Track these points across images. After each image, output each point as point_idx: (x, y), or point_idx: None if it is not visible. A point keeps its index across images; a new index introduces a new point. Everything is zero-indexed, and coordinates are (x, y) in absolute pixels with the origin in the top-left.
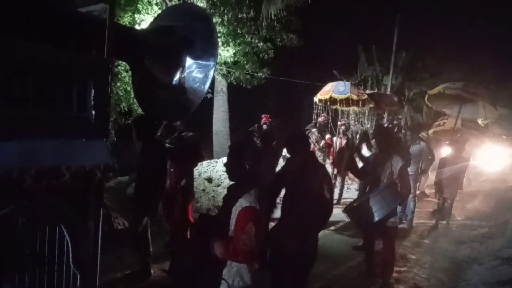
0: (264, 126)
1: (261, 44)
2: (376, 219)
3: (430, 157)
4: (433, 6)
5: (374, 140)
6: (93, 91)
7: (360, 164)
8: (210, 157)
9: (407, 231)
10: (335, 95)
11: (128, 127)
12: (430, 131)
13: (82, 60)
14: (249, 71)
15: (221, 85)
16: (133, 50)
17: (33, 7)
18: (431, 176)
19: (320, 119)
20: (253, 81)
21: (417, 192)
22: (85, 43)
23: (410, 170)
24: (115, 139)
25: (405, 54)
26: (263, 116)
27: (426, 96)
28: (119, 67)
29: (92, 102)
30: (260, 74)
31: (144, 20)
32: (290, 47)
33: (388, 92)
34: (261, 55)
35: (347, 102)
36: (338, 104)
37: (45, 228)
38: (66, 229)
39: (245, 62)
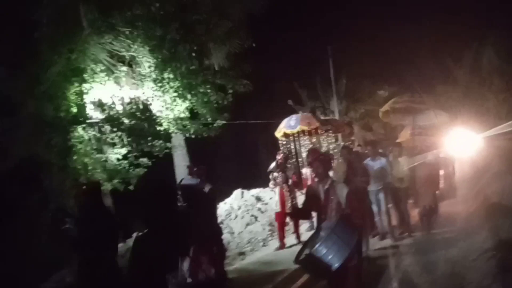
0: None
1: (215, 94)
2: (336, 265)
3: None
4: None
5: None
6: None
7: None
8: None
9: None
10: (288, 131)
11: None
12: None
13: None
14: (209, 120)
15: (178, 139)
16: None
17: None
18: None
19: (278, 157)
20: (210, 131)
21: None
22: None
23: (373, 186)
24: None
25: (345, 81)
26: (195, 168)
27: (380, 114)
28: (72, 140)
29: None
30: (218, 121)
31: (93, 87)
32: (241, 92)
33: (337, 117)
34: (219, 102)
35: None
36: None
37: None
38: None
39: (204, 111)
